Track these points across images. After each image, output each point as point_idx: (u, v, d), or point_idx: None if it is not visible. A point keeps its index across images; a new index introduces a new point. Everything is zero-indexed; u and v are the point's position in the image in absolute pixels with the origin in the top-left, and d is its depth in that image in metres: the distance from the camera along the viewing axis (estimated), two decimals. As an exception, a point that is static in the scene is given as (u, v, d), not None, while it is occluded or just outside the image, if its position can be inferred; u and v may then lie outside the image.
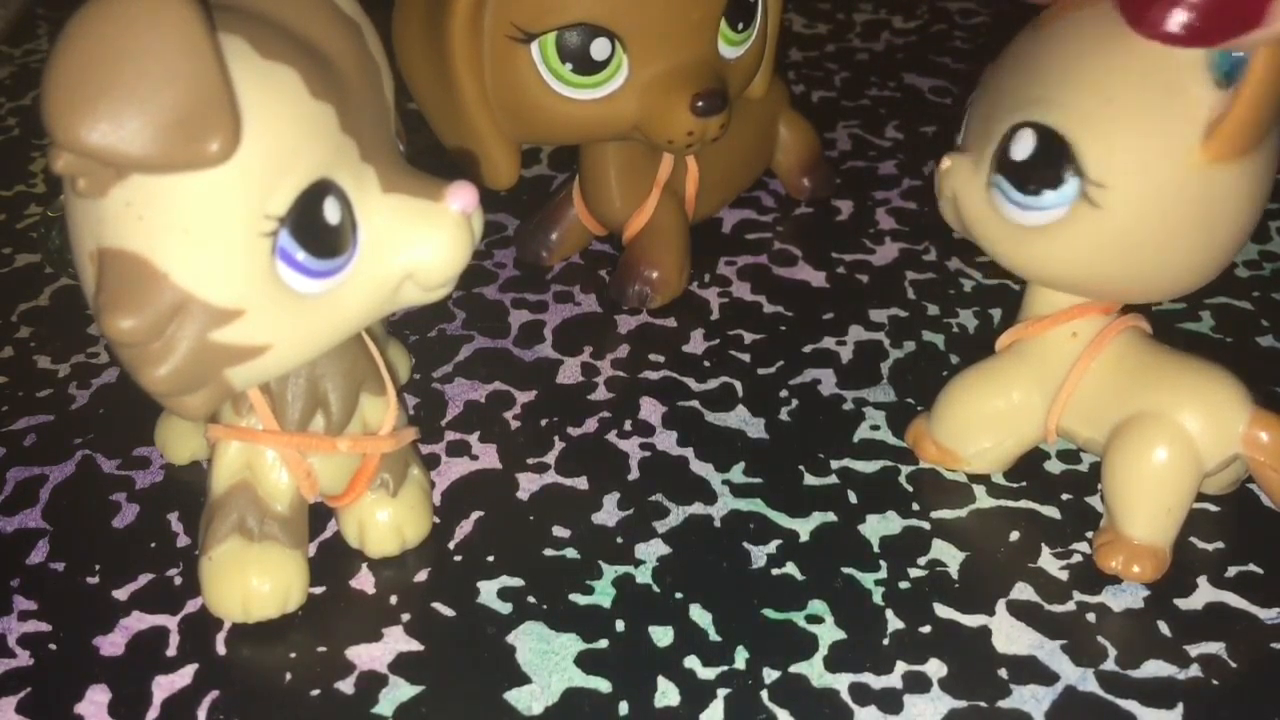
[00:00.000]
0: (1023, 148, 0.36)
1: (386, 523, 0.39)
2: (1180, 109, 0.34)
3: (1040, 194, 0.36)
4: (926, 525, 0.41)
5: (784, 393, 0.47)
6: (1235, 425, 0.37)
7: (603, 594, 0.39)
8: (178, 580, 0.39)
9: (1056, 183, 0.35)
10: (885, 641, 0.37)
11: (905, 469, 0.43)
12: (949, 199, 0.38)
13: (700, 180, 0.52)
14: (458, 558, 0.40)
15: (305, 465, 0.37)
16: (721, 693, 0.36)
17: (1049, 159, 0.35)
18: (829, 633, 0.37)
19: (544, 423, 0.46)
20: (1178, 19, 0.32)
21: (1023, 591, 0.39)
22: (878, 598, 0.38)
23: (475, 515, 0.42)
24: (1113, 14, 0.34)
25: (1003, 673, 0.36)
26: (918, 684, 0.36)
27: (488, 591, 0.39)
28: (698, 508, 0.42)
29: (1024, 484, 0.42)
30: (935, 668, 0.36)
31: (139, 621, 0.38)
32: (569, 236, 0.54)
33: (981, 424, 0.42)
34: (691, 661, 0.37)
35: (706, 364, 0.48)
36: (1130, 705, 0.35)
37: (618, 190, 0.51)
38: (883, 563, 0.40)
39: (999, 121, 0.36)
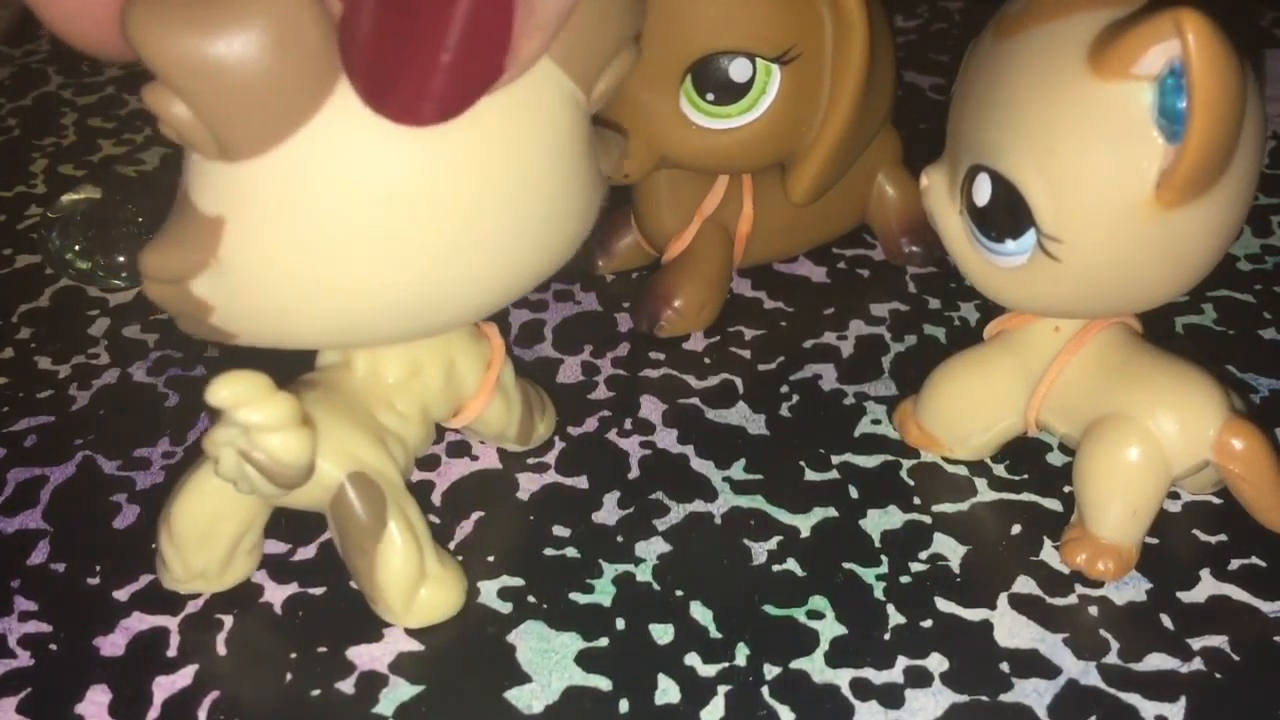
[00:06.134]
0: (982, 193, 0.35)
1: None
2: (1129, 161, 0.33)
3: (1003, 242, 0.36)
4: (928, 519, 0.41)
5: (785, 388, 0.47)
6: (1206, 431, 0.37)
7: (603, 592, 0.39)
8: (178, 581, 0.39)
9: (1017, 232, 0.35)
10: (886, 636, 0.37)
11: (906, 463, 0.43)
12: (929, 215, 0.38)
13: (756, 222, 0.50)
14: (458, 558, 0.40)
15: None
16: (722, 690, 0.36)
17: (1007, 207, 0.35)
18: (830, 628, 0.37)
19: (544, 421, 0.46)
20: (424, 106, 0.30)
21: (1024, 585, 0.39)
22: (879, 593, 0.38)
23: (475, 515, 0.42)
24: (1068, 40, 0.33)
25: (1005, 666, 0.36)
26: (919, 679, 0.36)
27: (488, 591, 0.39)
28: (698, 505, 0.42)
29: (1025, 476, 0.42)
30: (937, 662, 0.36)
31: (139, 622, 0.38)
32: (625, 250, 0.53)
33: (965, 411, 0.42)
34: (692, 659, 0.37)
35: (707, 361, 0.48)
36: (1132, 698, 0.35)
37: (664, 212, 0.49)
38: (884, 557, 0.40)
39: (963, 154, 0.36)
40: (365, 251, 0.32)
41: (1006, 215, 0.35)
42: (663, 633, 0.37)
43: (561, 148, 0.34)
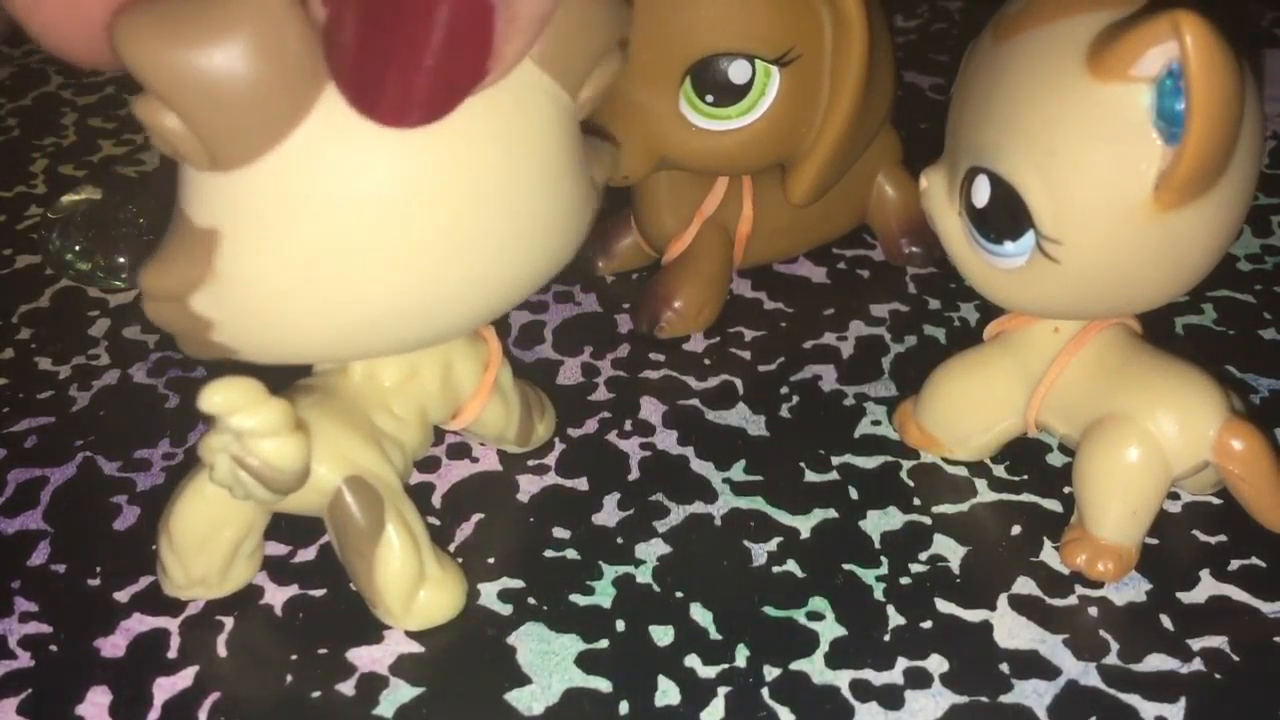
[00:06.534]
0: (981, 194, 0.35)
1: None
2: (1127, 163, 0.33)
3: (1002, 243, 0.36)
4: (928, 520, 0.41)
5: (785, 389, 0.47)
6: (1206, 431, 0.37)
7: (603, 594, 0.39)
8: (178, 582, 0.39)
9: (1016, 234, 0.35)
10: (886, 637, 0.37)
11: (906, 464, 0.43)
12: (928, 216, 0.38)
13: (756, 223, 0.50)
14: (458, 560, 0.40)
15: None
16: (722, 691, 0.36)
17: (1005, 209, 0.35)
18: (830, 629, 0.37)
19: (544, 422, 0.46)
20: (409, 109, 0.30)
21: (1024, 585, 0.39)
22: (879, 593, 0.38)
23: (476, 517, 0.42)
24: (1067, 42, 0.33)
25: (1004, 667, 0.36)
26: (919, 680, 0.36)
27: (488, 593, 0.39)
28: (698, 506, 0.42)
29: (1025, 477, 0.42)
30: (937, 663, 0.36)
31: (140, 623, 0.38)
32: (625, 252, 0.53)
33: (965, 411, 0.42)
34: (692, 660, 0.37)
35: (707, 362, 0.48)
36: (1132, 699, 0.35)
37: (664, 213, 0.49)
38: (884, 558, 0.40)
39: (961, 155, 0.36)
40: (360, 258, 0.32)
41: (1005, 217, 0.35)
42: (663, 634, 0.37)
43: (550, 150, 0.34)
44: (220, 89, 0.28)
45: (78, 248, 0.54)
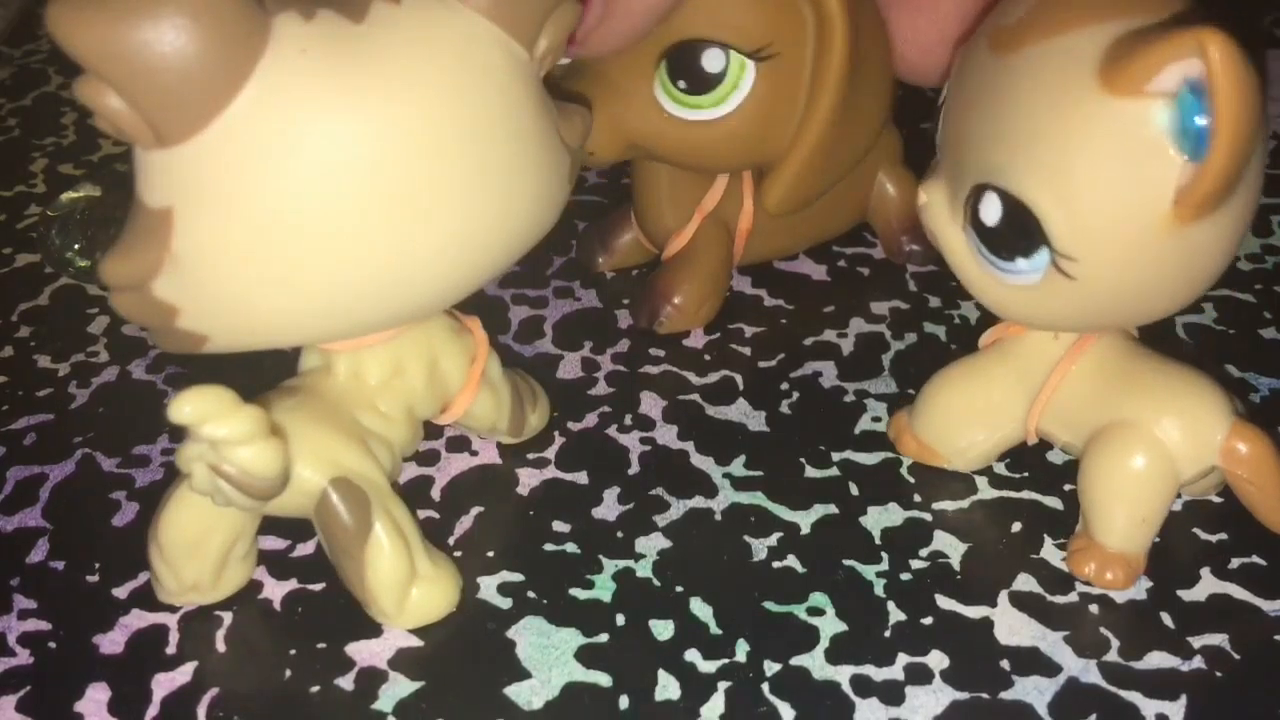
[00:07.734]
0: (991, 212, 0.35)
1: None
2: (1145, 178, 0.32)
3: (1014, 260, 0.35)
4: (928, 517, 0.41)
5: (785, 385, 0.47)
6: (1214, 436, 0.37)
7: (603, 588, 0.39)
8: (177, 578, 0.39)
9: (1029, 251, 0.34)
10: (887, 633, 0.37)
11: (907, 460, 0.43)
12: (929, 232, 0.38)
13: (757, 219, 0.50)
14: (458, 553, 0.40)
15: None
16: (722, 686, 0.36)
17: (1018, 227, 0.34)
18: (830, 625, 0.37)
19: (544, 418, 0.45)
20: None
21: (1025, 583, 0.39)
22: (879, 590, 0.38)
23: (475, 511, 0.42)
24: (1076, 57, 0.32)
25: (1005, 664, 0.36)
26: (919, 676, 0.36)
27: (488, 587, 0.39)
28: (698, 501, 0.42)
29: (1026, 475, 0.42)
30: (937, 659, 0.36)
31: (139, 620, 0.38)
32: (626, 248, 0.53)
33: (962, 421, 0.41)
34: (692, 655, 0.36)
35: (707, 358, 0.48)
36: (1133, 697, 0.35)
37: (664, 209, 0.49)
38: (884, 554, 0.40)
39: (966, 171, 0.36)
40: (316, 228, 0.31)
41: (1018, 235, 0.34)
42: (663, 629, 0.37)
43: (510, 106, 0.33)
44: (156, 59, 0.28)
45: (77, 245, 0.54)
